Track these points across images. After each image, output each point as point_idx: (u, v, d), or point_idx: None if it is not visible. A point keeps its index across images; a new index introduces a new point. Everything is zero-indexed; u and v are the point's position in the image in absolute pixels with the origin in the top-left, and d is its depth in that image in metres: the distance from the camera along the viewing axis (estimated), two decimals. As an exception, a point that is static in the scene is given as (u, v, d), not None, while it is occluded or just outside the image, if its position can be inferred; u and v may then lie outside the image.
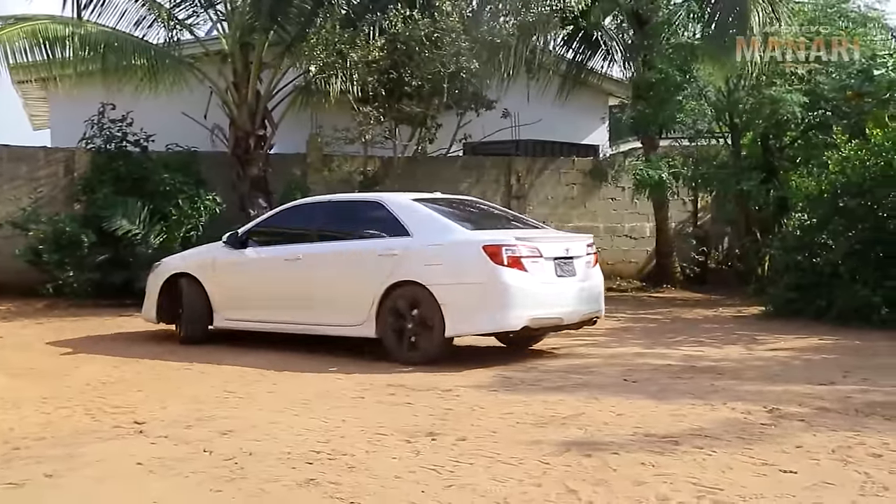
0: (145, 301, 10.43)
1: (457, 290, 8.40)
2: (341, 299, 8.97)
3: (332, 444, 5.54)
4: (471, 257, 8.44)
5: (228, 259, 9.83)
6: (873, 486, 4.53)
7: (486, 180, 17.10)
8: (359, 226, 9.35)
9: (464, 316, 8.40)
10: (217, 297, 9.80)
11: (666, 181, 14.81)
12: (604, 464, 5.01)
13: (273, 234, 9.92)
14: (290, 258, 9.39)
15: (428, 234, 8.74)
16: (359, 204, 10.02)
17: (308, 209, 10.00)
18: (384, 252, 8.78)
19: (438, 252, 8.57)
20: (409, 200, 9.31)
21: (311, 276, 9.21)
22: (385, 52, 13.62)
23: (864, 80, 13.94)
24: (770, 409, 6.36)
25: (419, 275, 8.54)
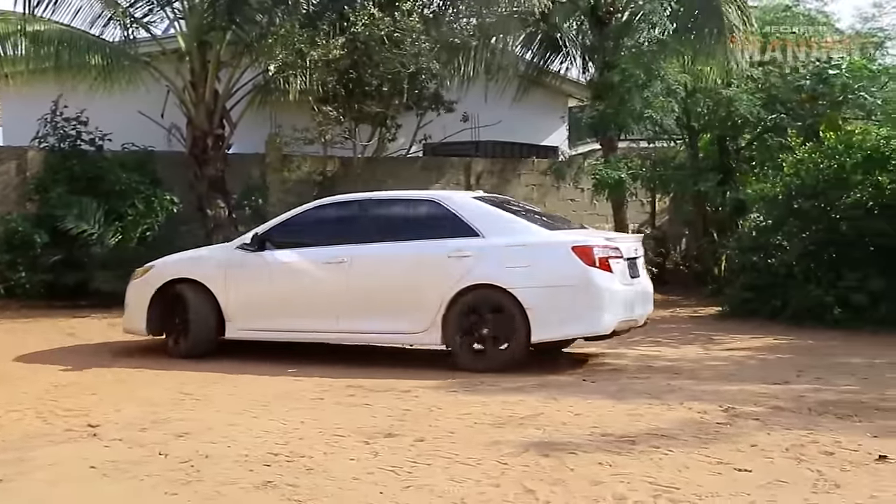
0: (129, 310, 9.36)
1: (544, 294, 7.95)
2: (400, 305, 8.34)
3: (291, 446, 5.51)
4: (560, 259, 8.09)
5: (247, 263, 8.89)
6: (825, 484, 4.59)
7: (446, 181, 17.08)
8: (413, 226, 8.72)
9: (552, 320, 7.99)
10: (232, 306, 8.85)
11: (625, 182, 14.90)
12: (561, 464, 5.03)
13: (300, 236, 9.01)
14: (332, 261, 8.59)
15: (503, 235, 8.31)
16: (411, 202, 9.19)
17: (347, 208, 9.21)
18: (453, 253, 8.22)
19: (522, 253, 8.14)
20: (470, 199, 8.94)
21: (360, 280, 8.51)
22: (345, 52, 13.56)
23: (817, 83, 14.16)
24: (726, 408, 6.43)
25: (498, 277, 8.06)
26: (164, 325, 9.17)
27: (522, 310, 7.93)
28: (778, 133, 14.64)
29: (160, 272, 9.28)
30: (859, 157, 11.59)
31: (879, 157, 11.47)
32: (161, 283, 9.12)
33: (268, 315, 8.80)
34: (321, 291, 8.64)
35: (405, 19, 13.43)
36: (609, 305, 8.09)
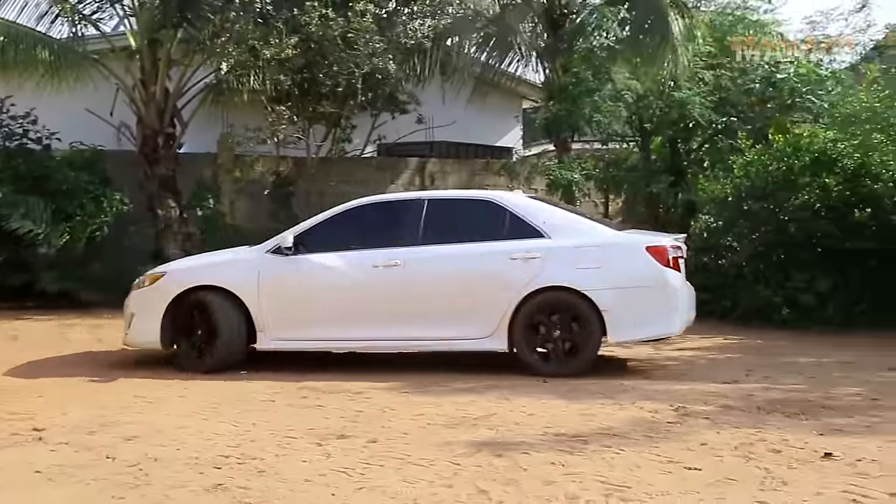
0: (136, 322, 8.46)
1: (619, 295, 7.77)
2: (462, 310, 7.98)
3: (242, 449, 5.46)
4: (635, 259, 7.96)
5: (284, 268, 8.27)
6: (773, 482, 4.65)
7: (401, 181, 17.08)
8: (468, 227, 8.35)
9: (628, 322, 7.81)
10: (266, 314, 8.18)
11: (578, 183, 14.99)
12: (514, 464, 5.04)
13: (340, 238, 8.40)
14: (384, 264, 8.09)
15: (571, 236, 8.09)
16: (464, 202, 8.81)
17: (392, 208, 8.81)
18: (520, 255, 7.93)
19: (594, 254, 7.95)
20: (528, 199, 8.70)
21: (417, 284, 8.06)
22: (298, 51, 13.48)
23: (767, 87, 14.37)
24: (676, 407, 6.49)
25: (571, 279, 7.83)
26: (179, 338, 8.38)
27: (597, 312, 7.76)
28: (728, 135, 14.82)
29: (177, 279, 8.47)
30: (807, 159, 11.78)
31: (826, 159, 11.66)
32: (180, 290, 8.28)
33: (309, 324, 8.21)
34: (373, 297, 8.14)
35: (359, 20, 13.38)
36: (681, 306, 8.09)
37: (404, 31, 14.42)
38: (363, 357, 8.78)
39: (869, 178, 11.26)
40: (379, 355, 8.59)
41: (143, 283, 8.64)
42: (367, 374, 7.90)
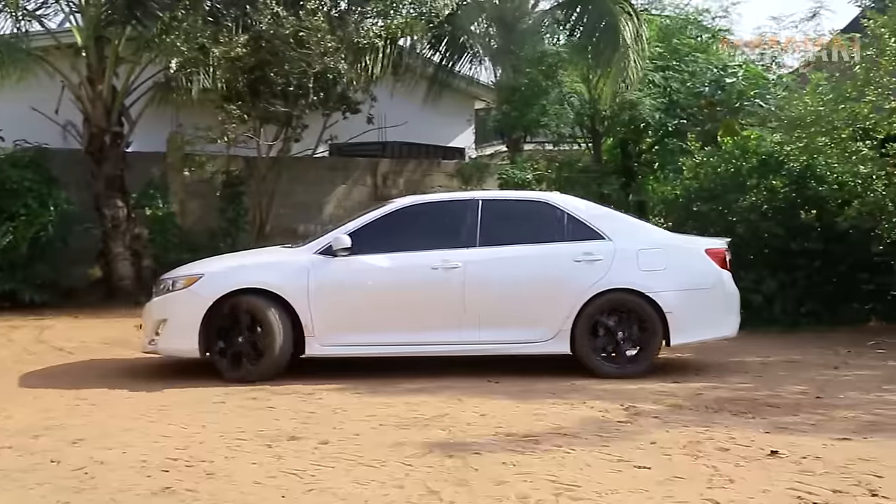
0: (169, 328, 7.83)
1: (682, 297, 7.83)
2: (524, 313, 7.86)
3: (191, 451, 5.39)
4: (696, 261, 8.07)
5: (335, 269, 7.85)
6: (720, 479, 4.70)
7: (353, 181, 17.04)
8: (524, 228, 8.21)
9: (689, 324, 7.87)
10: (316, 319, 7.74)
11: (530, 183, 15.06)
12: (465, 464, 5.04)
13: (392, 239, 8.08)
14: (443, 266, 7.88)
15: (630, 238, 8.09)
16: (520, 203, 8.65)
17: (445, 208, 8.52)
18: (582, 257, 7.88)
19: (657, 256, 7.97)
20: (581, 200, 8.61)
21: (478, 287, 7.85)
22: (249, 50, 13.36)
23: (716, 90, 14.57)
24: (627, 406, 6.54)
25: (636, 281, 7.84)
26: (223, 345, 7.83)
27: (661, 314, 7.79)
28: (678, 137, 15.01)
29: (218, 280, 7.88)
30: (755, 161, 11.97)
31: (773, 162, 11.86)
32: (221, 293, 7.74)
33: (363, 329, 7.87)
34: (432, 300, 7.90)
35: (310, 19, 13.31)
36: (736, 308, 8.21)
37: (356, 30, 14.36)
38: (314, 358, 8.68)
39: (814, 181, 11.46)
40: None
41: (172, 285, 7.96)
42: (319, 375, 7.85)
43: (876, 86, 11.59)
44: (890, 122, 11.52)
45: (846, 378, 7.87)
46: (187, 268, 8.40)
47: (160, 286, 8.14)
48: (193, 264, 8.62)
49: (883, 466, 4.88)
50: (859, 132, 11.74)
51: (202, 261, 8.83)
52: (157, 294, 8.10)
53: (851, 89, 11.79)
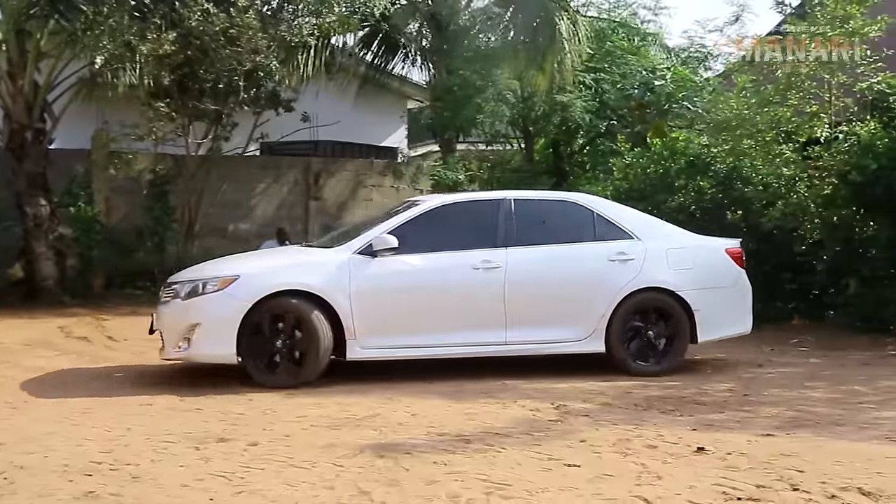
0: (204, 332, 7.37)
1: (707, 295, 8.04)
2: (562, 312, 7.91)
3: (115, 454, 5.27)
4: (719, 261, 8.34)
5: (376, 269, 7.66)
6: (648, 476, 4.76)
7: (284, 181, 16.89)
8: (557, 228, 8.29)
9: (713, 322, 8.10)
10: (358, 321, 7.51)
11: (462, 183, 15.11)
12: (397, 464, 5.02)
13: (429, 238, 7.90)
14: (484, 266, 7.81)
15: (658, 237, 8.28)
16: (551, 203, 8.73)
17: (479, 208, 8.46)
18: (616, 257, 8.01)
19: (684, 256, 8.20)
20: (605, 200, 8.77)
21: (519, 286, 7.82)
22: (178, 47, 13.12)
23: (645, 92, 14.79)
24: (557, 405, 6.59)
25: (666, 280, 8.03)
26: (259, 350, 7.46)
27: (689, 312, 7.98)
28: (609, 139, 15.20)
29: (256, 282, 7.51)
30: (683, 163, 12.19)
31: (701, 163, 12.09)
32: (261, 295, 7.40)
33: (405, 330, 7.70)
34: (474, 301, 7.82)
35: (241, 16, 13.13)
36: (751, 306, 8.45)
37: (288, 28, 14.23)
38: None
39: (740, 182, 11.71)
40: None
41: (203, 287, 7.49)
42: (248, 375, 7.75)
43: (797, 90, 11.90)
44: (811, 126, 11.85)
45: (770, 376, 8.05)
46: (212, 269, 7.96)
47: (185, 289, 7.59)
48: (217, 265, 8.21)
49: (804, 461, 4.99)
50: (782, 135, 12.04)
51: (222, 261, 8.52)
52: (181, 297, 7.56)
53: (774, 93, 12.09)
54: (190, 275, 7.99)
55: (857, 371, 8.27)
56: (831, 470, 4.82)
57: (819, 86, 11.88)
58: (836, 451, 5.25)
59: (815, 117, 11.88)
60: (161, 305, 7.81)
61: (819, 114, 11.85)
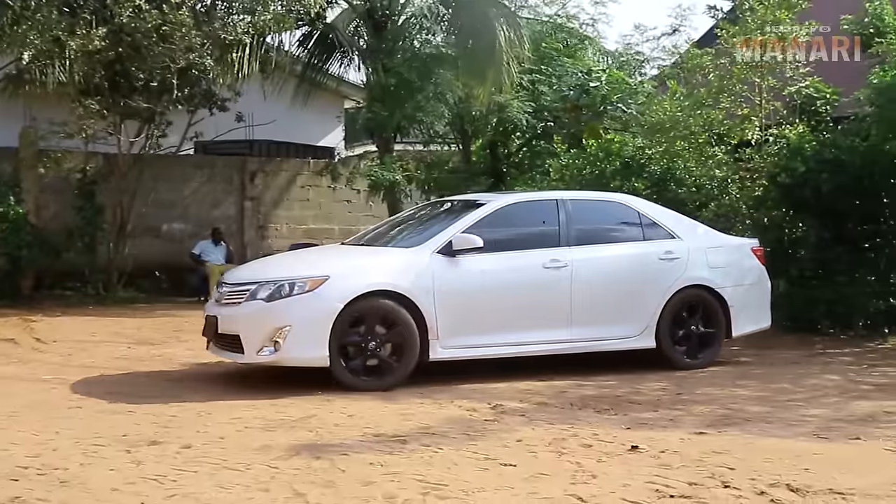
0: (295, 335, 7.14)
1: (739, 292, 8.51)
2: (624, 309, 8.16)
3: (43, 458, 5.14)
4: (747, 259, 8.84)
5: (456, 269, 7.63)
6: (583, 475, 4.80)
7: (219, 180, 16.70)
8: (609, 228, 8.61)
9: (744, 317, 8.56)
10: (442, 322, 7.46)
11: (399, 184, 15.09)
12: (332, 465, 4.98)
13: (497, 238, 7.89)
14: (553, 265, 7.94)
15: (695, 237, 8.68)
16: (602, 203, 9.02)
17: (539, 208, 8.54)
18: (665, 256, 8.36)
19: (721, 254, 8.67)
20: (644, 201, 9.18)
21: (585, 285, 8.01)
22: (108, 43, 12.86)
23: (580, 94, 14.93)
24: (493, 405, 6.61)
25: (708, 278, 8.43)
26: (346, 350, 7.29)
27: (726, 308, 8.42)
28: (545, 140, 15.31)
29: (348, 283, 7.36)
30: (618, 164, 12.32)
31: (636, 165, 12.24)
32: (353, 296, 7.24)
33: (485, 330, 7.72)
34: (545, 299, 7.96)
35: (174, 12, 12.92)
36: (769, 302, 8.91)
37: (223, 25, 14.05)
38: (180, 358, 8.45)
39: (674, 183, 11.88)
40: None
41: (290, 288, 7.28)
42: (182, 377, 7.64)
43: (729, 93, 12.13)
44: (742, 129, 12.09)
45: (702, 375, 8.16)
46: (294, 268, 7.78)
47: (266, 290, 7.32)
48: (295, 264, 8.15)
49: (735, 458, 5.08)
50: (715, 137, 12.26)
51: (294, 261, 8.57)
52: (261, 298, 7.31)
53: (707, 96, 12.30)
54: (262, 274, 7.78)
55: (786, 370, 8.46)
56: (761, 466, 4.91)
57: (750, 89, 12.13)
58: (766, 448, 5.35)
59: (746, 120, 12.13)
60: (230, 307, 7.53)
61: (750, 117, 12.10)
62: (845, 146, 10.58)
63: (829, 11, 12.99)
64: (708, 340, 8.49)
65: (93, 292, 14.08)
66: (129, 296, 14.15)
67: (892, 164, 10.18)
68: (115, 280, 14.37)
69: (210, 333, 7.67)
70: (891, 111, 10.05)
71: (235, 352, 7.43)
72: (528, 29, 15.75)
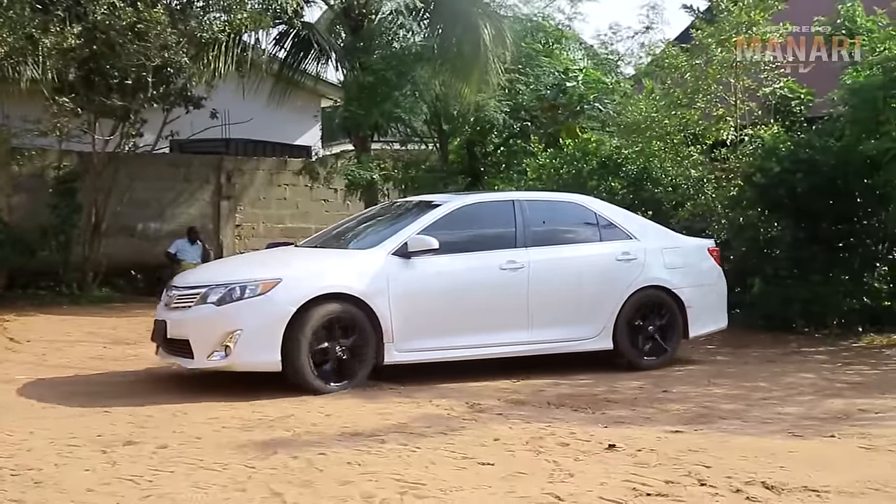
0: (246, 339, 6.95)
1: (696, 293, 8.52)
2: (581, 310, 8.10)
3: (17, 459, 5.10)
4: (704, 260, 8.85)
5: (411, 271, 7.51)
6: (561, 473, 4.81)
7: (195, 179, 16.61)
8: (564, 229, 8.52)
9: (701, 317, 8.57)
10: (396, 324, 7.33)
11: (377, 183, 15.06)
12: (310, 465, 4.97)
13: (453, 239, 7.79)
14: (510, 266, 7.86)
15: (652, 238, 8.66)
16: (558, 204, 8.97)
17: (494, 209, 8.45)
18: (622, 256, 8.33)
19: (677, 255, 8.65)
20: (600, 201, 9.11)
21: (542, 286, 7.94)
22: (83, 41, 12.75)
23: (557, 93, 14.96)
24: (471, 404, 6.62)
25: (665, 279, 8.43)
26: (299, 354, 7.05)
27: (683, 309, 8.43)
28: (522, 139, 15.33)
29: (301, 286, 7.19)
30: (595, 164, 12.38)
31: (612, 164, 12.30)
32: (305, 300, 7.06)
33: (441, 332, 7.60)
34: (502, 301, 7.86)
35: (149, 10, 12.83)
36: (725, 303, 8.95)
37: (198, 24, 13.96)
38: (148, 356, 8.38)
39: (650, 183, 11.95)
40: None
41: (241, 292, 7.07)
42: (159, 377, 7.59)
43: (704, 93, 12.21)
44: (717, 129, 12.17)
45: (678, 373, 8.22)
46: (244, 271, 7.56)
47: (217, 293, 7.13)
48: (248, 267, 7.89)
49: (711, 457, 5.11)
50: (690, 137, 12.33)
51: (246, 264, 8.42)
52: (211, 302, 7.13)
53: (682, 96, 12.38)
54: (213, 277, 7.58)
55: (761, 368, 8.52)
56: (736, 464, 4.94)
57: (725, 89, 12.21)
58: (741, 446, 5.39)
59: (721, 120, 12.21)
60: (179, 311, 7.33)
61: (725, 117, 12.19)
62: (819, 146, 10.67)
63: (803, 13, 13.10)
64: (665, 341, 8.45)
65: (67, 292, 13.96)
66: (104, 295, 14.04)
67: (866, 165, 10.28)
68: (90, 279, 14.25)
69: (159, 338, 7.46)
70: (864, 111, 10.14)
71: (185, 357, 7.22)
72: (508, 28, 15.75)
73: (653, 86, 13.32)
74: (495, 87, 14.50)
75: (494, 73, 14.25)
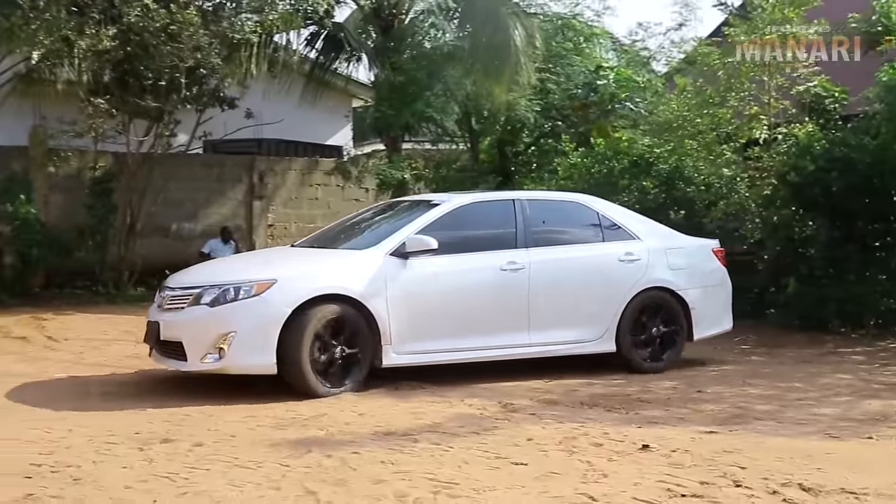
0: (240, 341, 6.84)
1: (700, 294, 8.39)
2: (584, 312, 7.98)
3: (56, 456, 5.16)
4: (709, 261, 8.69)
5: (409, 272, 7.37)
6: (594, 474, 4.80)
7: (228, 179, 16.71)
8: (566, 229, 8.38)
9: (706, 319, 8.43)
10: (395, 326, 7.21)
11: (408, 182, 15.09)
12: (343, 464, 4.99)
13: (454, 240, 7.67)
14: (511, 267, 7.73)
15: (655, 238, 8.52)
16: (559, 203, 8.85)
17: (495, 208, 8.28)
18: (625, 257, 8.18)
19: (681, 255, 8.50)
20: (603, 201, 8.89)
21: (544, 287, 7.80)
22: (117, 42, 12.87)
23: (588, 92, 14.91)
24: (504, 404, 6.62)
25: (668, 280, 8.30)
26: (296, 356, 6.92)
27: (687, 310, 8.28)
28: (553, 138, 15.29)
29: (297, 286, 7.06)
30: (626, 162, 12.32)
31: (644, 163, 12.24)
32: (301, 301, 6.93)
33: (440, 334, 7.46)
34: (503, 302, 7.73)
35: (182, 12, 12.94)
36: (730, 304, 8.77)
37: (230, 25, 14.06)
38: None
39: (682, 182, 11.88)
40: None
41: (236, 293, 6.96)
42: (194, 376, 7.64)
43: (737, 92, 12.11)
44: (751, 128, 12.06)
45: (713, 374, 8.18)
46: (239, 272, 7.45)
47: (211, 294, 7.04)
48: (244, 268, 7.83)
49: (746, 458, 5.08)
50: (723, 136, 12.24)
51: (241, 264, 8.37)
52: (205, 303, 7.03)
53: (714, 95, 12.28)
54: (207, 278, 7.44)
55: (797, 368, 8.45)
56: (772, 466, 4.91)
57: (758, 88, 12.10)
58: (777, 448, 5.35)
59: (754, 119, 12.10)
60: (172, 313, 7.24)
61: (758, 115, 12.07)
62: (855, 144, 10.55)
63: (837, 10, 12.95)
64: (669, 343, 8.30)
65: (103, 291, 14.10)
66: (140, 294, 14.15)
67: (902, 163, 10.16)
68: (126, 279, 14.39)
69: (152, 340, 7.34)
70: (901, 109, 10.02)
71: (178, 359, 7.10)
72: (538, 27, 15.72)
73: (685, 84, 13.22)
74: (526, 86, 14.47)
75: (525, 72, 14.22)
